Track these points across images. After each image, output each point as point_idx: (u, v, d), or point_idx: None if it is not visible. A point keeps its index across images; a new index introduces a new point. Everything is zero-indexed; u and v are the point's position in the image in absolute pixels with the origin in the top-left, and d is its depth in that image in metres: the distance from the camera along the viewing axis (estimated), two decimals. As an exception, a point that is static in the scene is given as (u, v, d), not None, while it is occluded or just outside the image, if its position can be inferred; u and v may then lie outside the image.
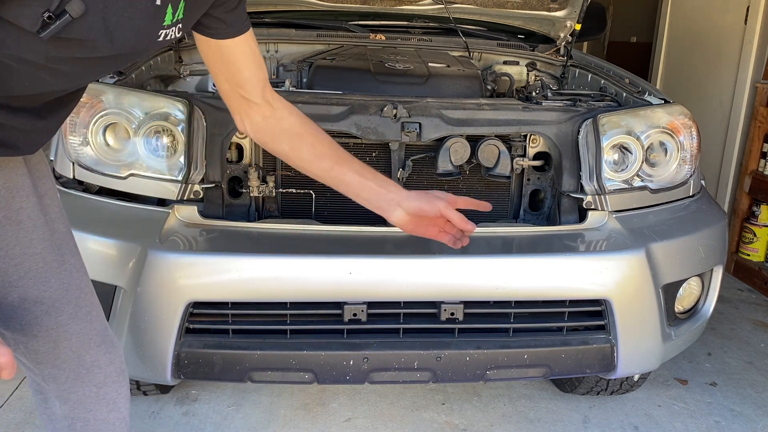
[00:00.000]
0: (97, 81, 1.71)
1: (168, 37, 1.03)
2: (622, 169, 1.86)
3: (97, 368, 1.25)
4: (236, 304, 1.63)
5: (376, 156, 1.92)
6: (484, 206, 1.38)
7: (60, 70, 0.99)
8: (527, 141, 1.95)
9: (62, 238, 1.22)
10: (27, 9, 0.86)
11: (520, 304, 1.70)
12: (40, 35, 0.88)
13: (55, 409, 1.28)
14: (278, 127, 1.31)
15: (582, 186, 1.82)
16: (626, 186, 1.86)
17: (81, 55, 0.97)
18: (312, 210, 1.89)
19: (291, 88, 2.00)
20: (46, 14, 0.86)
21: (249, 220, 1.83)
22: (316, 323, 1.67)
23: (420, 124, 1.78)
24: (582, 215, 1.84)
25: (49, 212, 1.20)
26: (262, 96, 1.28)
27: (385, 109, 1.77)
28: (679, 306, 1.90)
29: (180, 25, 1.05)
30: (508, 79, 2.44)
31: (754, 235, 3.55)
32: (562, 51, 2.61)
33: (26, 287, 1.16)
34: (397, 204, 1.33)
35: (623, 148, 1.87)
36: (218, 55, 1.23)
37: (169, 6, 0.99)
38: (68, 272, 1.22)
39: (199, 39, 1.21)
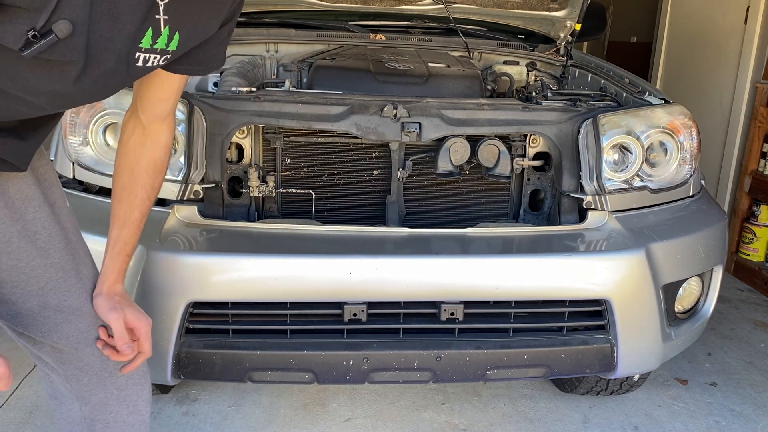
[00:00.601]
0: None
1: (148, 63, 1.01)
2: (622, 169, 1.86)
3: (119, 371, 1.26)
4: (236, 304, 1.64)
5: (376, 156, 1.92)
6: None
7: (37, 104, 0.98)
8: (527, 141, 1.95)
9: (75, 246, 1.22)
10: (11, 27, 0.84)
11: (520, 304, 1.70)
12: (22, 53, 0.85)
13: (73, 412, 1.29)
14: (132, 148, 1.25)
15: (582, 186, 1.82)
16: (626, 186, 1.86)
17: (60, 86, 0.94)
18: (312, 210, 1.89)
19: (291, 88, 2.00)
20: (31, 33, 0.84)
21: (249, 220, 1.83)
22: (316, 323, 1.67)
23: (420, 124, 1.78)
24: (582, 215, 1.84)
25: (61, 220, 1.19)
26: (147, 121, 1.23)
27: (385, 109, 1.77)
28: (679, 306, 1.90)
29: (168, 56, 1.04)
30: (508, 79, 2.44)
31: (754, 235, 3.55)
32: (562, 51, 2.61)
33: (47, 297, 1.16)
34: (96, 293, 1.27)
35: (623, 148, 1.87)
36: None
37: (150, 30, 0.97)
38: (86, 280, 1.22)
39: None
